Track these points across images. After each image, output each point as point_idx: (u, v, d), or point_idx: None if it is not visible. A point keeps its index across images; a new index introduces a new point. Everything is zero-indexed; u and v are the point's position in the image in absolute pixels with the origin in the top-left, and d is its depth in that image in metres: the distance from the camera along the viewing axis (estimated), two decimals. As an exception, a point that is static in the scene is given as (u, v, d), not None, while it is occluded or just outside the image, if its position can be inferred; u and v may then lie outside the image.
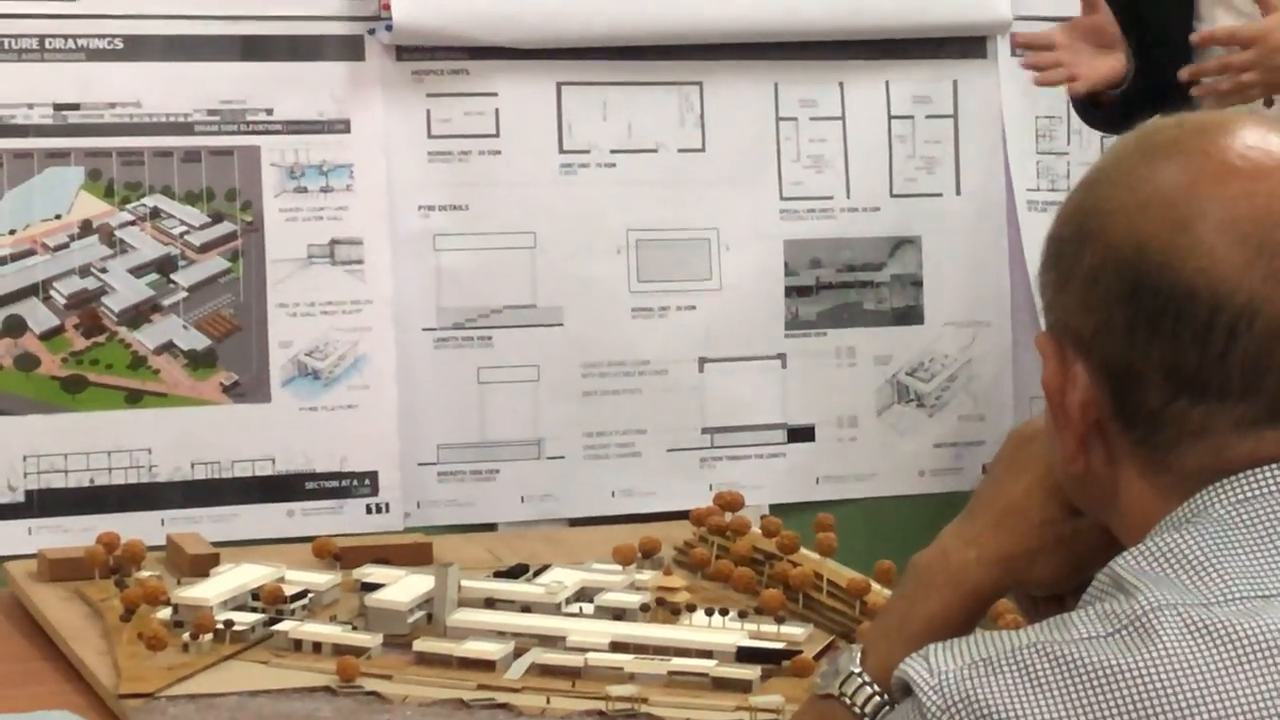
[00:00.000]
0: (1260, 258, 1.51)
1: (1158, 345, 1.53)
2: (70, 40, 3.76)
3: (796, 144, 4.12)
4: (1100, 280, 1.56)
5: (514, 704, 2.29)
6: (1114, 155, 1.62)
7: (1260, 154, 1.56)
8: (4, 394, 3.74)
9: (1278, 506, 1.53)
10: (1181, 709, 1.46)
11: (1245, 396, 1.52)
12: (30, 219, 3.76)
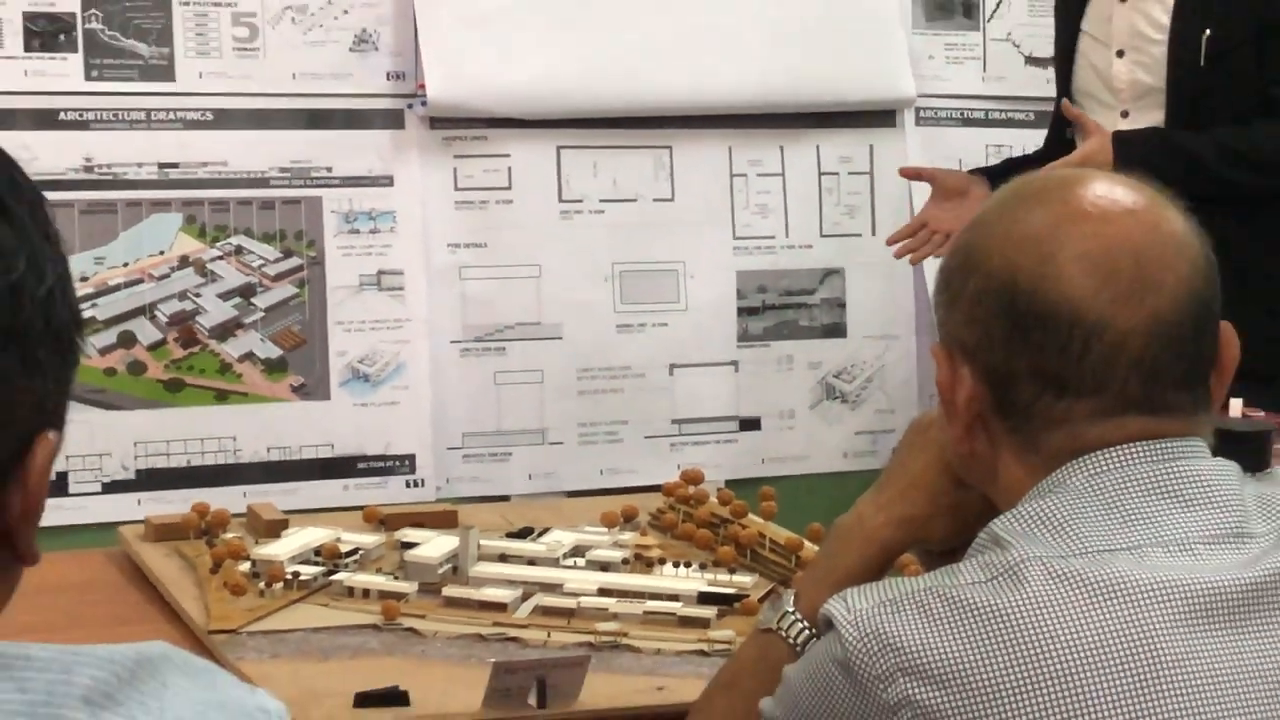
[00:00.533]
0: (1108, 284, 1.56)
1: (1027, 353, 1.58)
2: (171, 113, 3.77)
3: (746, 195, 4.11)
4: (982, 302, 1.60)
5: (521, 638, 2.30)
6: (993, 202, 1.68)
7: (1107, 202, 1.62)
8: (118, 393, 3.74)
9: (1121, 479, 1.59)
10: (1044, 639, 1.50)
11: (1096, 393, 1.58)
12: (139, 254, 3.76)
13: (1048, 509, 1.55)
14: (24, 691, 1.13)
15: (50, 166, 3.67)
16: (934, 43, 4.28)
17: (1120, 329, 1.55)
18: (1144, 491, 1.54)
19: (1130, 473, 1.55)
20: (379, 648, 2.27)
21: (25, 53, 3.69)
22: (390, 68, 3.90)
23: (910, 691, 1.47)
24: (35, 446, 1.20)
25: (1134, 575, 1.49)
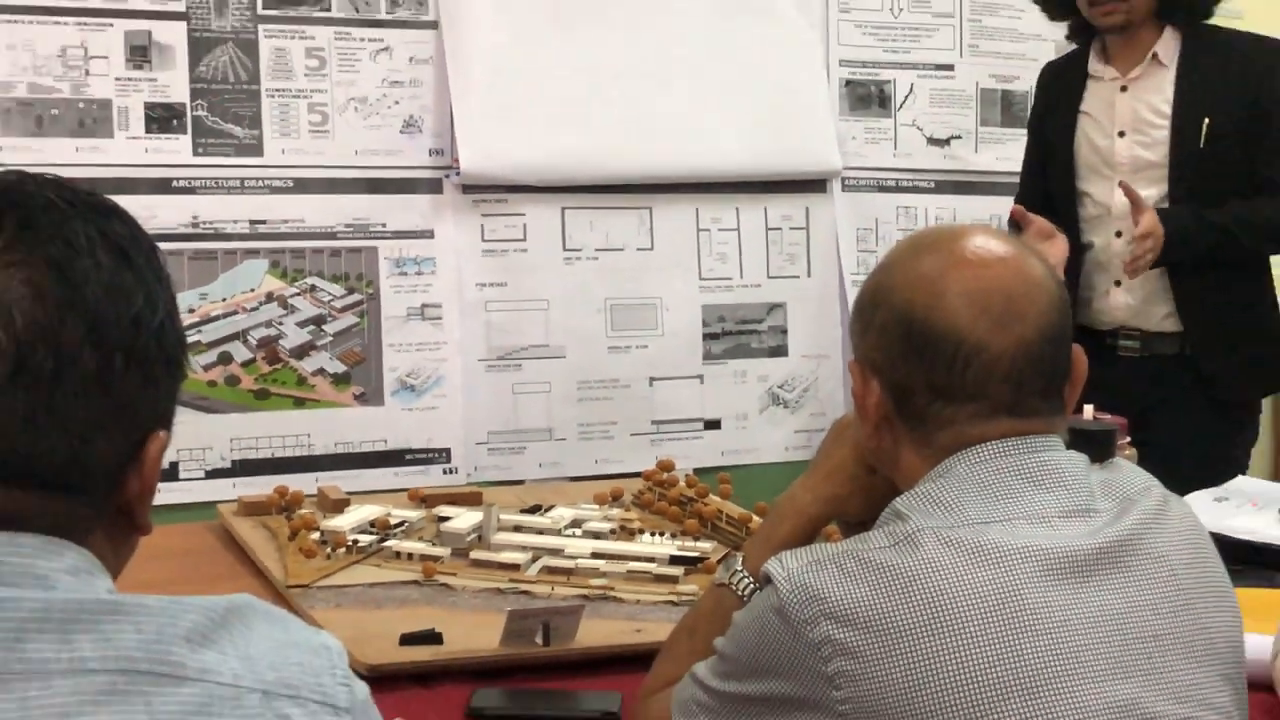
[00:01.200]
0: (984, 316, 1.57)
1: (921, 370, 1.59)
2: (260, 181, 3.75)
3: (710, 245, 4.09)
4: (887, 329, 1.61)
5: (531, 591, 2.30)
6: (896, 251, 1.69)
7: (984, 252, 1.62)
8: (218, 400, 3.72)
9: (995, 468, 1.61)
10: (934, 591, 1.50)
11: (975, 400, 1.58)
12: (234, 292, 3.74)
13: (938, 490, 1.56)
14: (139, 632, 1.12)
15: (165, 223, 3.64)
16: (855, 127, 4.26)
17: (994, 350, 1.56)
18: (1012, 477, 1.55)
19: (1001, 462, 1.55)
20: (419, 599, 2.27)
21: (146, 134, 3.67)
22: (431, 146, 3.88)
23: (830, 632, 1.47)
24: (149, 442, 1.20)
25: (1004, 542, 1.50)
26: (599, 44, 3.97)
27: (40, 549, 1.13)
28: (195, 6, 3.70)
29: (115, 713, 1.08)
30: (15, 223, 1.14)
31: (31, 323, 1.12)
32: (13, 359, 1.11)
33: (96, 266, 1.15)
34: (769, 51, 4.14)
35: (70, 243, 1.15)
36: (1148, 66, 3.31)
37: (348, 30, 3.83)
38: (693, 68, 4.05)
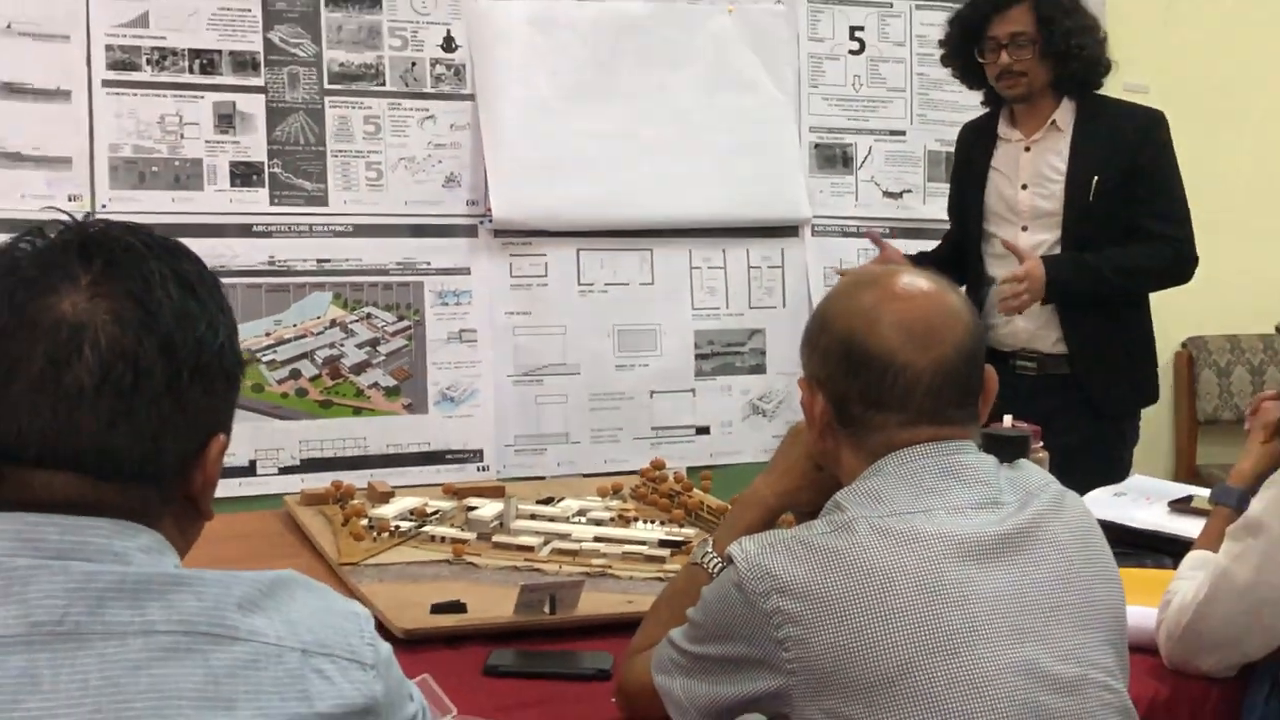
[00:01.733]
0: (909, 340, 1.56)
1: (858, 384, 1.58)
2: (325, 226, 3.76)
3: (700, 280, 4.08)
4: (830, 352, 1.61)
5: (542, 569, 2.29)
6: (838, 287, 1.70)
7: (911, 287, 1.61)
8: (290, 409, 3.72)
9: (918, 467, 1.60)
10: (866, 569, 1.49)
11: (902, 410, 1.57)
12: (304, 318, 3.74)
13: (870, 485, 1.56)
14: (199, 600, 1.13)
15: (246, 262, 3.67)
16: (823, 182, 4.25)
17: (917, 368, 1.56)
18: (933, 475, 1.55)
19: (924, 462, 1.56)
20: (449, 575, 2.26)
21: (230, 187, 3.68)
22: (468, 197, 3.87)
23: (780, 603, 1.48)
24: (211, 443, 1.21)
25: (925, 528, 1.50)
26: (608, 114, 3.95)
27: (118, 531, 1.14)
28: (272, 82, 3.71)
29: (178, 666, 1.09)
30: (102, 262, 1.15)
31: (114, 343, 1.13)
32: (98, 373, 1.12)
33: (168, 298, 1.16)
34: (751, 120, 4.12)
35: (146, 279, 1.16)
36: (1047, 131, 3.30)
37: (399, 101, 3.83)
38: (687, 133, 4.03)
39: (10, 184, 3.47)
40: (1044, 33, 3.21)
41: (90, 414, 1.12)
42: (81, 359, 1.12)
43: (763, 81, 4.16)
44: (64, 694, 1.06)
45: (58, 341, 1.12)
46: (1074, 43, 3.22)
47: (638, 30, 4.02)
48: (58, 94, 3.54)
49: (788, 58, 4.21)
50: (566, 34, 3.95)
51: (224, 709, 1.09)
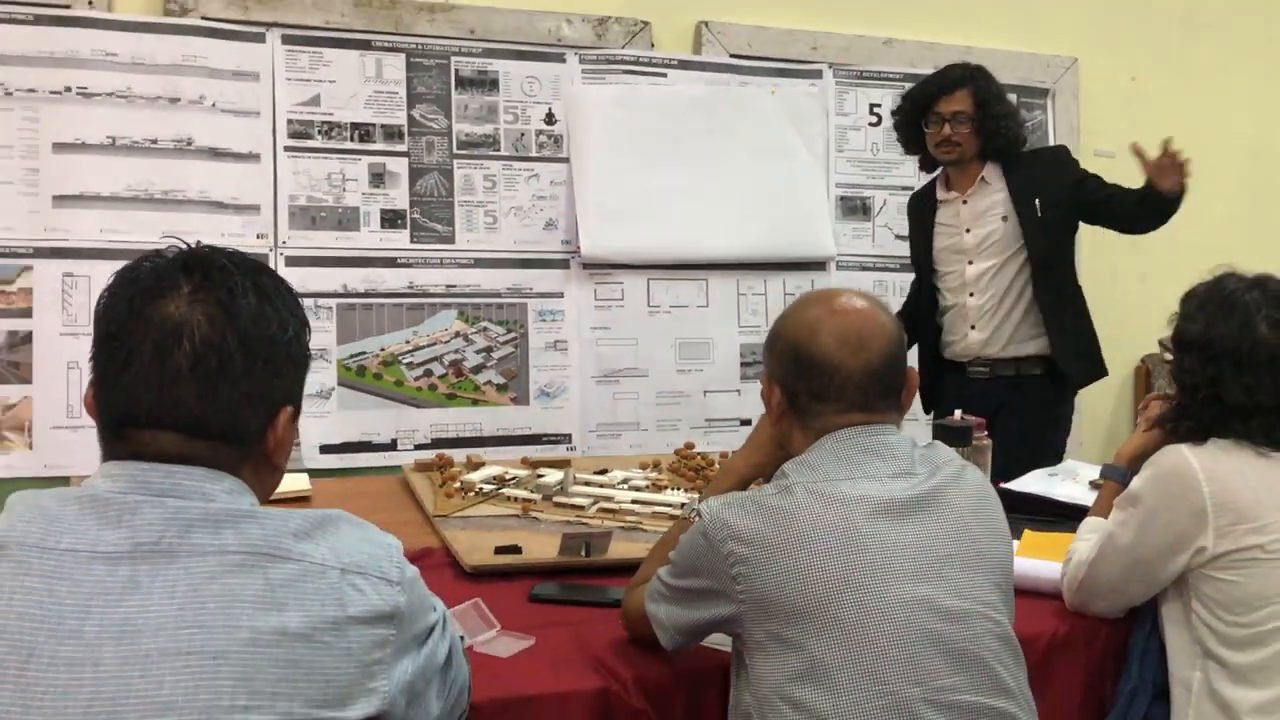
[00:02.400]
0: (844, 347, 1.57)
1: (804, 381, 1.59)
2: (452, 259, 3.79)
3: (746, 304, 4.06)
4: (783, 355, 1.62)
5: (589, 523, 2.30)
6: (792, 305, 1.69)
7: (847, 304, 1.63)
8: (423, 400, 3.75)
9: (849, 445, 1.61)
10: (800, 522, 1.50)
11: (838, 401, 1.59)
12: (434, 330, 3.77)
13: (810, 458, 1.58)
14: (262, 529, 1.18)
15: (392, 286, 3.70)
16: (846, 227, 4.22)
17: (849, 369, 1.58)
18: (858, 451, 1.56)
19: (853, 441, 1.57)
20: (516, 526, 2.29)
21: (380, 229, 3.73)
22: (563, 238, 3.89)
23: (734, 548, 1.50)
24: (280, 414, 1.26)
25: (849, 492, 1.52)
26: (674, 173, 3.96)
27: (206, 477, 1.20)
28: (413, 148, 3.78)
29: (244, 577, 1.15)
30: (200, 276, 1.22)
31: (205, 337, 1.20)
32: (192, 359, 1.19)
33: (247, 304, 1.22)
34: (788, 178, 4.11)
35: (231, 289, 1.22)
36: (979, 186, 3.31)
37: (510, 164, 3.87)
38: (736, 188, 4.02)
39: (214, 225, 3.56)
40: (979, 113, 3.24)
41: (187, 390, 1.19)
42: (181, 349, 1.19)
43: (798, 148, 4.14)
44: (157, 595, 1.12)
45: (164, 335, 1.19)
46: (1002, 124, 3.26)
47: (698, 108, 4.03)
48: (250, 156, 3.62)
49: (819, 129, 4.19)
50: (642, 111, 3.96)
51: (276, 610, 1.14)
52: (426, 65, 3.80)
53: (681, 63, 4.06)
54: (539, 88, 3.90)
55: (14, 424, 3.38)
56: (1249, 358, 1.76)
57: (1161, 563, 1.79)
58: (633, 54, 4.00)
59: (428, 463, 2.71)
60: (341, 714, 1.16)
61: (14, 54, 3.40)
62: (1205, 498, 1.74)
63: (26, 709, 1.07)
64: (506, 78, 3.87)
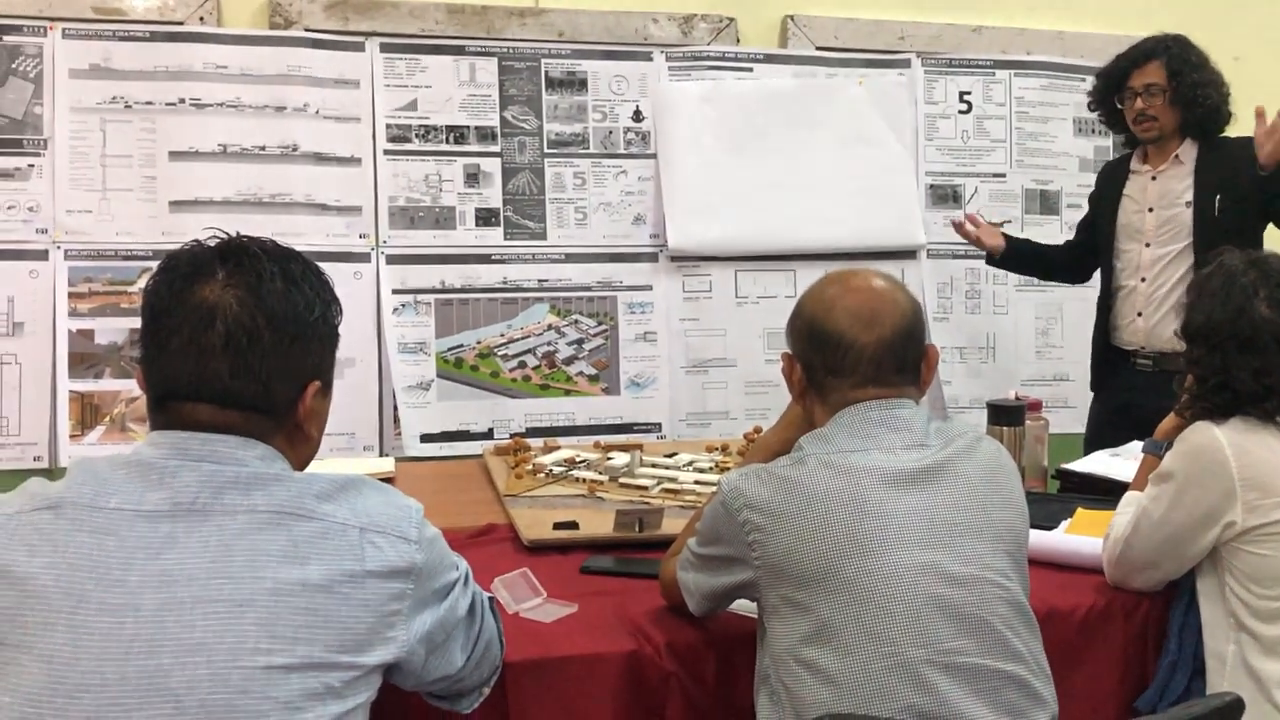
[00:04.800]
0: (857, 323, 1.62)
1: (820, 357, 1.64)
2: (544, 254, 3.87)
3: None
4: (801, 332, 1.68)
5: (651, 502, 2.33)
6: (814, 285, 1.73)
7: (862, 283, 1.67)
8: (518, 390, 3.83)
9: (863, 418, 1.64)
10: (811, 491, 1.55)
11: (853, 375, 1.64)
12: (528, 323, 3.85)
13: (825, 431, 1.63)
14: (288, 491, 1.28)
15: (487, 282, 3.80)
16: (936, 215, 4.18)
17: (863, 344, 1.62)
18: (872, 424, 1.60)
19: (867, 414, 1.61)
20: (581, 505, 2.35)
21: (475, 226, 3.83)
22: (651, 232, 3.94)
23: (749, 516, 1.56)
24: (308, 387, 1.37)
25: (859, 463, 1.56)
26: (761, 166, 3.99)
27: (240, 445, 1.31)
28: (506, 148, 3.88)
29: (270, 534, 1.26)
30: (233, 263, 1.34)
31: (236, 318, 1.31)
32: (224, 338, 1.31)
33: (274, 287, 1.33)
34: (877, 167, 4.09)
35: (260, 275, 1.33)
36: (1172, 164, 3.22)
37: (600, 161, 3.94)
38: (824, 179, 4.03)
39: (319, 226, 3.72)
40: (1173, 83, 3.15)
41: (220, 365, 1.30)
42: (214, 328, 1.30)
43: (887, 137, 4.13)
44: (192, 550, 1.24)
45: (199, 316, 1.31)
46: (1198, 93, 3.15)
47: (786, 100, 4.05)
48: (352, 160, 3.77)
49: (907, 118, 4.17)
50: (729, 105, 4.00)
51: (299, 564, 1.25)
52: (517, 68, 3.91)
53: (767, 57, 4.09)
54: (626, 86, 3.98)
55: (136, 416, 3.61)
56: (1252, 341, 1.74)
57: (1193, 537, 1.79)
58: (719, 50, 4.05)
59: (505, 446, 2.80)
60: (359, 659, 1.27)
61: (132, 69, 3.63)
62: (1233, 473, 1.74)
63: (76, 647, 1.20)
64: (595, 77, 3.96)
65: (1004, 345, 4.24)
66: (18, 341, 3.53)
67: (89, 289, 3.59)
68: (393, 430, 3.73)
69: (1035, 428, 2.38)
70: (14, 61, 3.56)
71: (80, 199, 3.58)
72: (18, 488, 1.32)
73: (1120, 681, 1.89)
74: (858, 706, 1.45)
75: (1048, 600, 1.82)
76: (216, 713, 1.19)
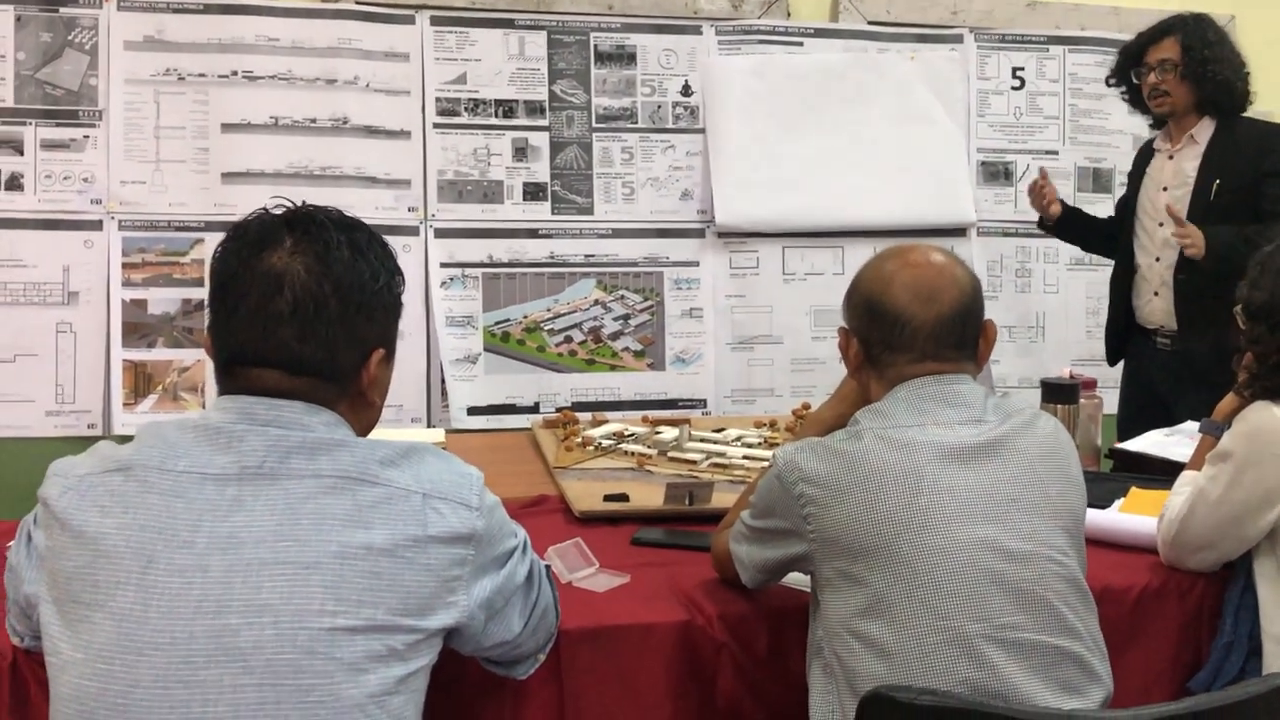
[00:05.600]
0: (915, 298, 1.62)
1: (878, 332, 1.64)
2: (590, 229, 3.89)
3: None
4: (859, 307, 1.68)
5: (700, 477, 2.35)
6: (872, 259, 1.73)
7: (920, 258, 1.66)
8: (564, 365, 3.86)
9: (920, 393, 1.65)
10: (867, 466, 1.54)
11: (910, 350, 1.63)
12: (574, 298, 3.89)
13: (882, 406, 1.63)
14: (353, 456, 1.30)
15: (534, 257, 3.83)
16: (987, 193, 4.18)
17: (920, 319, 1.62)
18: (929, 399, 1.60)
19: (924, 390, 1.61)
20: (629, 478, 2.37)
21: (523, 201, 3.86)
22: (699, 208, 3.95)
23: (805, 489, 1.56)
24: (372, 354, 1.39)
25: (916, 438, 1.56)
26: (810, 141, 3.98)
27: (306, 410, 1.33)
28: (554, 122, 3.90)
29: (335, 498, 1.28)
30: (300, 232, 1.36)
31: (303, 286, 1.33)
32: (292, 305, 1.33)
33: (341, 256, 1.35)
34: (927, 143, 4.08)
35: (327, 243, 1.35)
36: (1187, 142, 3.22)
37: (648, 136, 3.95)
38: (874, 155, 4.02)
39: (368, 200, 3.75)
40: (1185, 58, 3.15)
41: (287, 332, 1.33)
42: (282, 295, 1.32)
43: (938, 113, 4.11)
44: (259, 513, 1.27)
45: (267, 284, 1.33)
46: (1209, 69, 3.14)
47: (835, 75, 4.04)
48: (401, 134, 3.81)
49: (959, 94, 4.15)
50: (779, 80, 4.00)
51: (363, 528, 1.27)
52: (567, 42, 3.92)
53: (818, 31, 4.08)
54: (676, 60, 3.98)
55: (188, 385, 3.66)
56: None
57: (1250, 518, 1.78)
58: (769, 24, 4.04)
59: (554, 420, 2.81)
60: (421, 622, 1.29)
61: (186, 42, 3.66)
62: (1293, 453, 1.72)
63: (146, 607, 1.23)
64: (644, 51, 3.96)
65: (1054, 324, 4.22)
66: (73, 311, 3.60)
67: (142, 259, 3.64)
68: (440, 403, 3.77)
69: (1089, 406, 2.37)
70: (70, 34, 3.61)
71: (134, 170, 3.64)
72: (88, 449, 1.35)
73: (1174, 661, 1.88)
74: (911, 679, 1.46)
75: (1102, 578, 1.81)
76: (283, 672, 1.22)
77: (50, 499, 1.30)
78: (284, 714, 1.21)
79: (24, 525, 1.39)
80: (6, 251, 3.56)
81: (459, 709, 1.58)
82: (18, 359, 3.56)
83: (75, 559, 1.26)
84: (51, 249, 3.58)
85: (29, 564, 1.34)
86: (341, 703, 1.22)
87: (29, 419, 3.55)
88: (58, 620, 1.26)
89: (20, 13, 3.57)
